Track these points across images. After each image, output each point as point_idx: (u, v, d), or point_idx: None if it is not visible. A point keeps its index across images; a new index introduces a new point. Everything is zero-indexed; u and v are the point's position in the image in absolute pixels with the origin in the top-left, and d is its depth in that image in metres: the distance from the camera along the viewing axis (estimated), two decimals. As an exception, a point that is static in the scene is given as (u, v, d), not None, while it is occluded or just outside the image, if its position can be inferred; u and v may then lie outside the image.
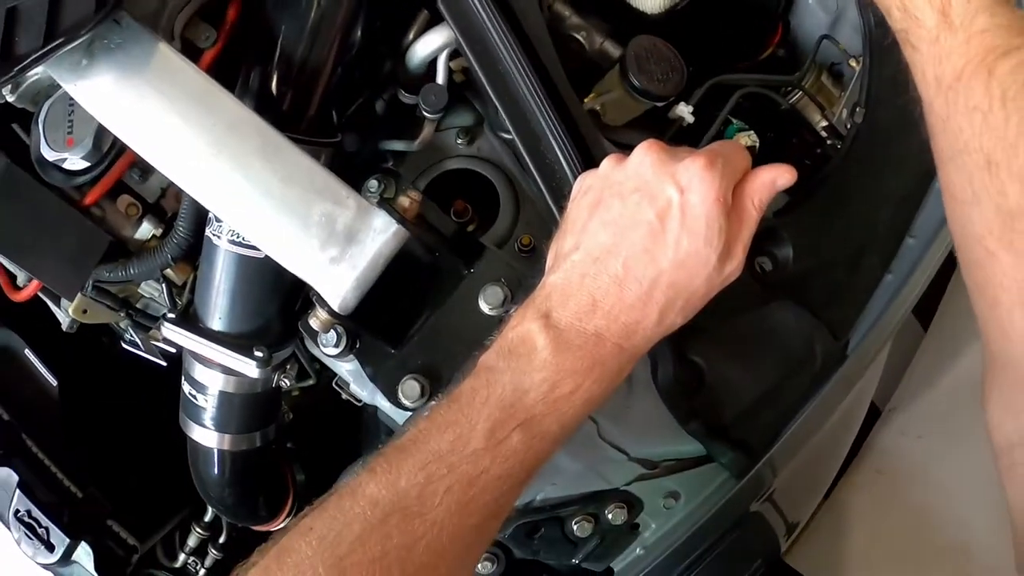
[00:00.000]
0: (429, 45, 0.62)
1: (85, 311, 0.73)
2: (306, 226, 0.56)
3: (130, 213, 0.69)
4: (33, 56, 0.56)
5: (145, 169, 0.68)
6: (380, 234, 0.56)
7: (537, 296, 0.48)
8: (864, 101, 0.70)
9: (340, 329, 0.61)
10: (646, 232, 0.46)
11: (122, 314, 0.73)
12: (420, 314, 0.62)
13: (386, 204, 0.56)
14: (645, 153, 0.48)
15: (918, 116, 0.50)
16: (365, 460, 0.49)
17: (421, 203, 0.57)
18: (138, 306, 0.74)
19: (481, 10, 0.56)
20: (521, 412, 0.44)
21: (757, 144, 0.68)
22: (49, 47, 0.55)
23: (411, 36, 0.63)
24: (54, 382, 0.83)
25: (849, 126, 0.70)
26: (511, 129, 0.59)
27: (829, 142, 0.73)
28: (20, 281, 0.75)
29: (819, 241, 0.67)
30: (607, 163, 0.50)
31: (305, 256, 0.57)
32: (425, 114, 0.62)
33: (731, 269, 0.48)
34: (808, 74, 0.73)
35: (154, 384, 0.80)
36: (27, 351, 0.85)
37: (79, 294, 0.71)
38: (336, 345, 0.62)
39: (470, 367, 0.48)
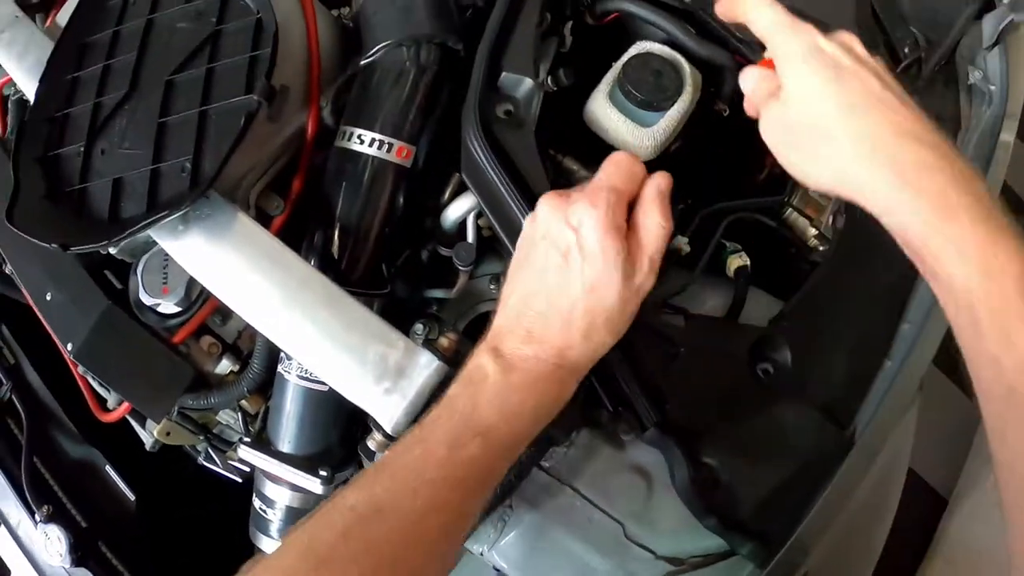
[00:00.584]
0: (459, 209, 0.73)
1: (168, 433, 0.83)
2: (363, 364, 0.66)
3: (212, 351, 0.79)
4: (141, 224, 0.69)
5: (226, 314, 0.80)
6: (424, 369, 0.65)
7: (487, 337, 0.59)
8: (843, 207, 0.78)
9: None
10: (556, 271, 0.56)
11: (201, 437, 0.83)
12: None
13: (430, 344, 0.66)
14: (542, 205, 0.58)
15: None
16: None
17: (458, 342, 0.67)
18: (214, 431, 0.84)
19: (495, 177, 0.67)
20: (478, 424, 0.53)
21: (748, 264, 0.76)
22: (154, 218, 0.67)
23: (445, 198, 0.74)
24: (131, 496, 0.93)
25: (834, 229, 0.78)
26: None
27: (821, 248, 0.81)
28: (110, 404, 0.86)
29: (816, 340, 0.74)
30: (526, 221, 0.60)
31: (363, 388, 0.66)
32: (459, 267, 0.72)
33: (640, 280, 0.56)
34: (795, 191, 0.82)
35: (221, 499, 0.89)
36: (108, 467, 0.95)
37: (165, 419, 0.81)
38: (389, 462, 0.70)
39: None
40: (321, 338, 0.66)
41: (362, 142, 0.72)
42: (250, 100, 0.69)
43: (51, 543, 0.85)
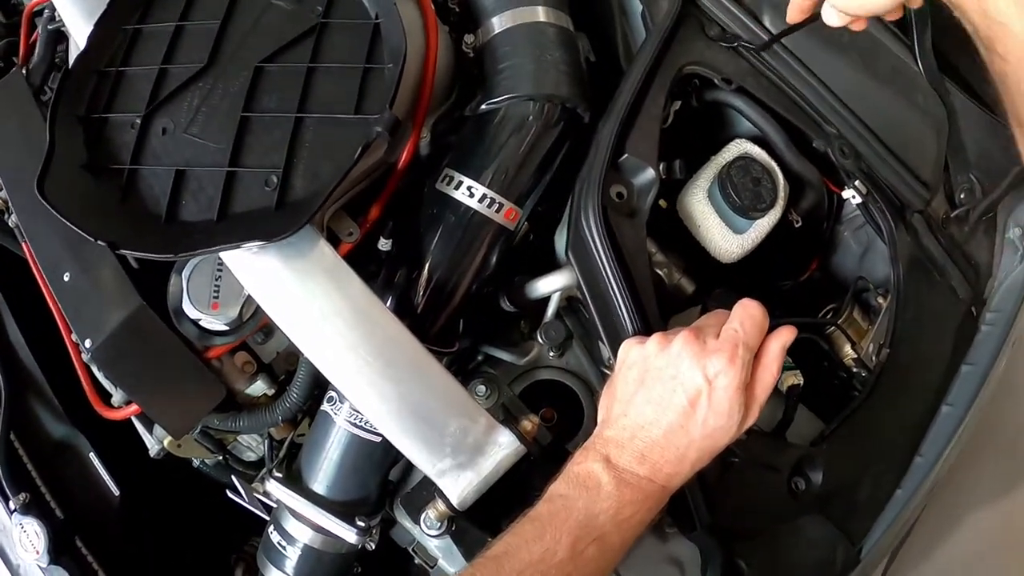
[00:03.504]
0: (552, 284, 0.69)
1: (179, 445, 0.74)
2: (442, 436, 0.61)
3: (246, 370, 0.71)
4: (217, 246, 0.60)
5: (268, 333, 0.71)
6: (503, 449, 0.62)
7: (596, 443, 0.59)
8: (889, 342, 0.82)
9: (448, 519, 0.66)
10: (680, 412, 0.57)
11: (215, 453, 0.75)
12: (512, 512, 0.67)
13: (511, 424, 0.62)
14: (683, 346, 0.57)
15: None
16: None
17: (539, 427, 0.64)
18: (230, 448, 0.76)
19: (606, 268, 0.64)
20: (595, 530, 0.55)
21: (801, 383, 0.78)
22: (234, 243, 0.59)
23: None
24: (116, 492, 0.83)
25: (875, 360, 0.81)
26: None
27: (855, 370, 0.84)
28: (116, 400, 0.75)
29: (846, 465, 0.77)
30: (653, 344, 0.59)
31: (437, 459, 0.61)
32: (540, 342, 0.69)
33: (748, 425, 0.59)
34: (843, 312, 0.84)
35: (211, 508, 0.81)
36: (92, 455, 0.84)
37: (183, 435, 0.72)
38: (439, 529, 0.66)
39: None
40: (401, 401, 0.60)
41: (471, 195, 0.66)
42: (368, 129, 0.60)
43: (27, 538, 0.74)
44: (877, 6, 0.58)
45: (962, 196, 0.90)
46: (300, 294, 0.61)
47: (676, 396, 0.57)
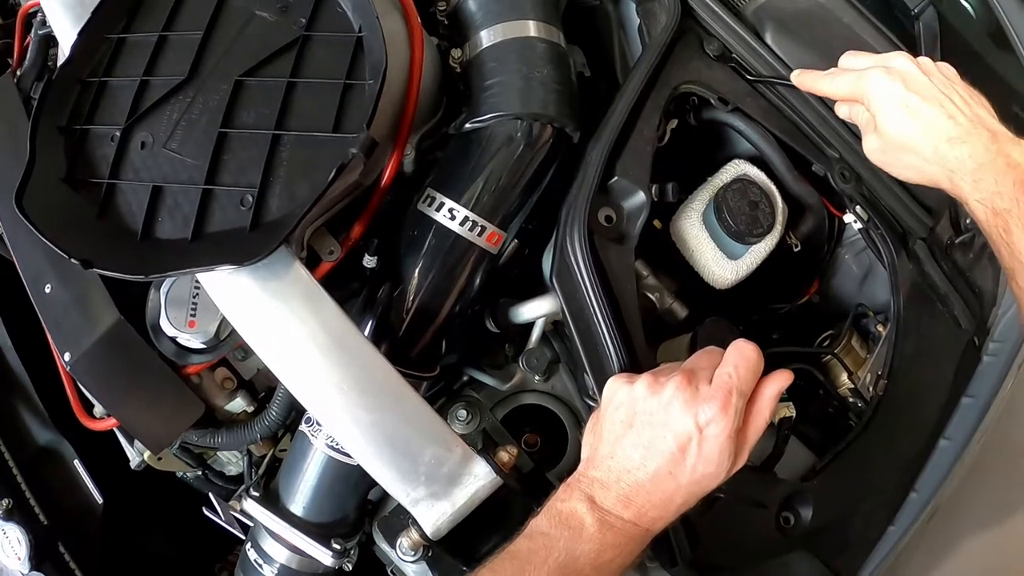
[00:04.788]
0: (536, 310, 0.66)
1: (160, 458, 0.73)
2: (416, 465, 0.59)
3: (226, 386, 0.70)
4: (188, 269, 0.58)
5: (248, 350, 0.70)
6: (479, 480, 0.60)
7: (580, 482, 0.57)
8: (887, 373, 0.78)
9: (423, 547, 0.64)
10: (669, 458, 0.55)
11: (195, 468, 0.74)
12: (490, 539, 0.66)
13: (486, 454, 0.60)
14: (675, 392, 0.55)
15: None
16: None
17: (517, 458, 0.62)
18: (209, 462, 0.75)
19: (592, 298, 0.61)
20: (575, 573, 0.53)
21: (794, 415, 0.75)
22: (208, 267, 0.57)
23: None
24: (99, 499, 0.82)
25: (872, 392, 0.78)
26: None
27: (851, 400, 0.81)
28: (98, 411, 0.74)
29: (837, 501, 0.74)
30: (642, 387, 0.56)
31: (411, 488, 0.59)
32: (523, 369, 0.66)
33: (737, 468, 0.57)
34: (840, 341, 0.81)
35: (196, 516, 0.80)
36: (76, 462, 0.84)
37: (161, 449, 0.71)
38: (413, 556, 0.65)
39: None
40: (375, 429, 0.58)
41: (452, 218, 0.64)
42: (345, 149, 0.57)
43: (10, 544, 0.74)
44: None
45: (967, 221, 0.86)
46: (273, 318, 0.59)
47: (665, 442, 0.54)
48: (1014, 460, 0.88)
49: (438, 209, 0.64)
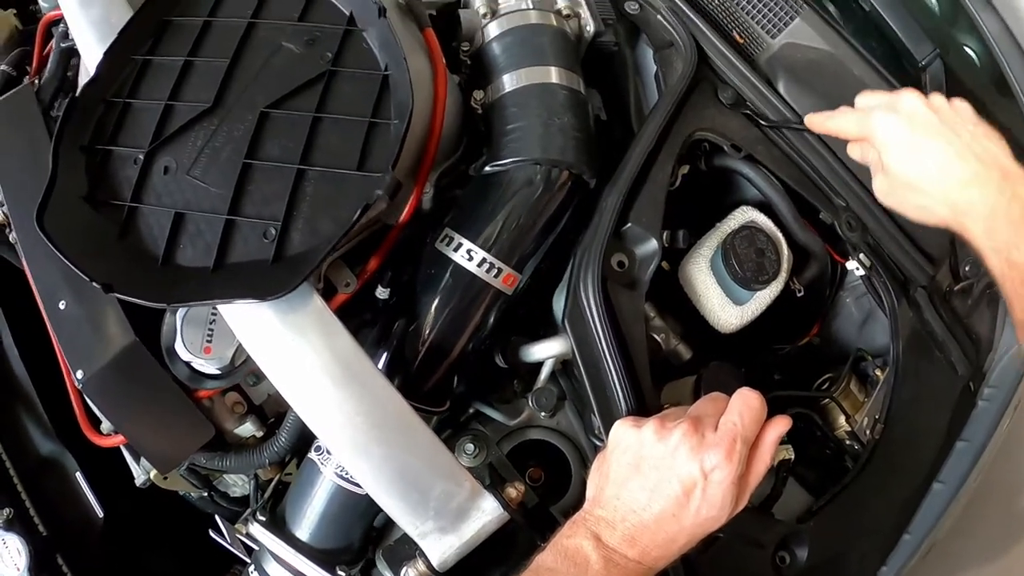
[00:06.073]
0: (547, 351, 0.68)
1: (166, 478, 0.74)
2: (426, 499, 0.60)
3: (236, 410, 0.70)
4: (211, 299, 0.59)
5: (260, 376, 0.70)
6: (486, 515, 0.61)
7: (587, 519, 0.58)
8: (884, 418, 0.80)
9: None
10: (674, 502, 0.56)
11: (201, 489, 0.74)
12: (494, 572, 0.67)
13: (496, 489, 0.62)
14: (682, 438, 0.56)
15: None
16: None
17: (525, 494, 0.63)
18: (216, 484, 0.76)
19: (603, 343, 0.63)
20: None
21: (792, 458, 0.77)
22: (229, 299, 0.58)
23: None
24: (100, 512, 0.82)
25: (868, 435, 0.80)
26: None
27: (848, 443, 0.83)
28: (104, 428, 0.75)
29: (832, 542, 0.76)
30: (649, 432, 0.58)
31: (420, 521, 0.60)
32: (532, 407, 0.68)
33: (738, 511, 0.59)
34: (838, 385, 0.83)
35: (198, 531, 0.81)
36: (78, 474, 0.84)
37: (169, 470, 0.71)
38: (418, 586, 0.66)
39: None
40: (386, 462, 0.59)
41: (470, 259, 0.65)
42: (369, 189, 0.59)
43: (9, 554, 0.74)
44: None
45: (967, 268, 0.88)
46: (290, 349, 0.60)
47: (671, 486, 0.56)
48: (1012, 496, 0.90)
49: (456, 249, 0.66)
